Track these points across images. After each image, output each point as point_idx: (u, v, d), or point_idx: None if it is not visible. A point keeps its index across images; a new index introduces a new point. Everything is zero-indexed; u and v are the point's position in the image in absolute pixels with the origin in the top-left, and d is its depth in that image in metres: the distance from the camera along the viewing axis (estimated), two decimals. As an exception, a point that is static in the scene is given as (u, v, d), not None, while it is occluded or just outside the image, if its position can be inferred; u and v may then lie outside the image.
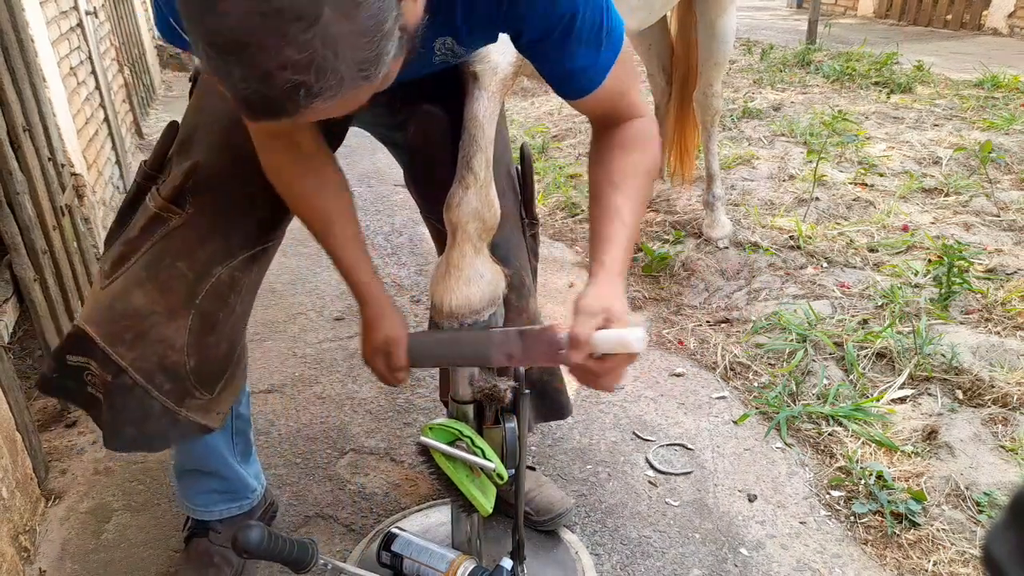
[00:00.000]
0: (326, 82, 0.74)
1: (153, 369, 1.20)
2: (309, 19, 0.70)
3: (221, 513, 1.51)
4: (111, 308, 1.20)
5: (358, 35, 0.74)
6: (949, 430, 1.91)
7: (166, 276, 1.20)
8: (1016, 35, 7.78)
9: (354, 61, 0.75)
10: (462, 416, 1.29)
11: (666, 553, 1.61)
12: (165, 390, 1.22)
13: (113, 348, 1.19)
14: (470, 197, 1.22)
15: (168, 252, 1.21)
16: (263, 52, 0.70)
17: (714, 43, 2.71)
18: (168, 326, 1.20)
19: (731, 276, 2.77)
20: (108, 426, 1.23)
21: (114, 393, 1.20)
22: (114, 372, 1.19)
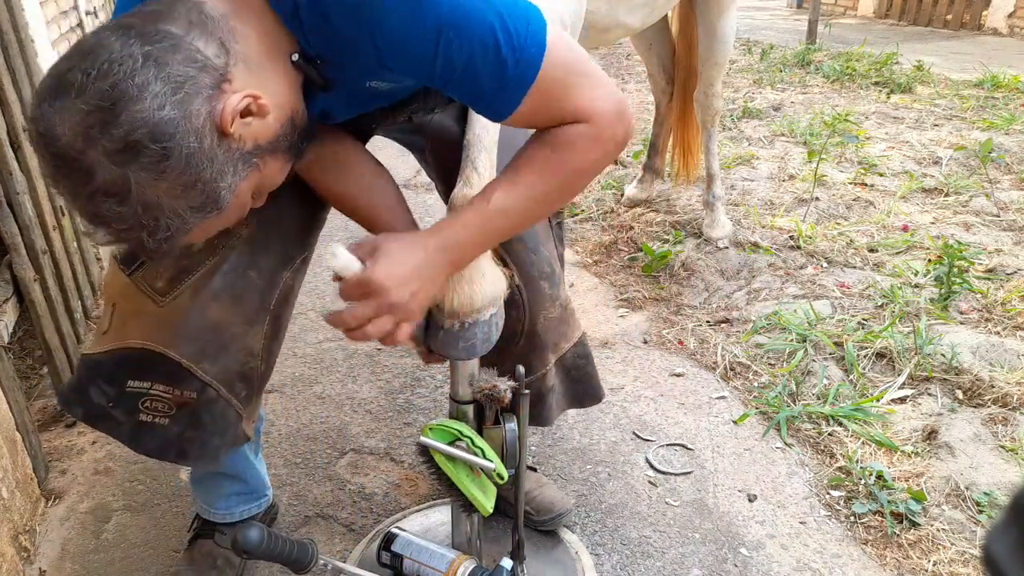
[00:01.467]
0: (164, 233, 0.84)
1: (234, 379, 1.21)
2: (121, 194, 0.81)
3: (242, 514, 1.51)
4: (185, 324, 1.16)
5: (178, 189, 0.83)
6: (949, 430, 1.91)
7: (240, 287, 1.20)
8: (1016, 35, 7.78)
9: (187, 208, 0.85)
10: (462, 416, 1.29)
11: (666, 553, 1.61)
12: (241, 397, 1.23)
13: (198, 365, 1.16)
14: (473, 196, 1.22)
15: (239, 263, 1.20)
16: (104, 224, 0.84)
17: (714, 43, 2.71)
18: (247, 334, 1.22)
19: (731, 276, 2.77)
20: (192, 443, 1.19)
21: (200, 410, 1.18)
22: (199, 389, 1.17)
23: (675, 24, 3.03)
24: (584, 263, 2.97)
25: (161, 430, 1.18)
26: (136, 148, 0.79)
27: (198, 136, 0.82)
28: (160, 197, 0.82)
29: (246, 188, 0.91)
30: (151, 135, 0.79)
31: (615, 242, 3.08)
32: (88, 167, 0.79)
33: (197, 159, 0.82)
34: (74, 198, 0.83)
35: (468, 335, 1.21)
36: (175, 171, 0.81)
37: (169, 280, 1.18)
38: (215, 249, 1.19)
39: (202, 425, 1.20)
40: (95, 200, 0.81)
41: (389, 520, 1.66)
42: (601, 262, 2.96)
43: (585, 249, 3.07)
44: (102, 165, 0.79)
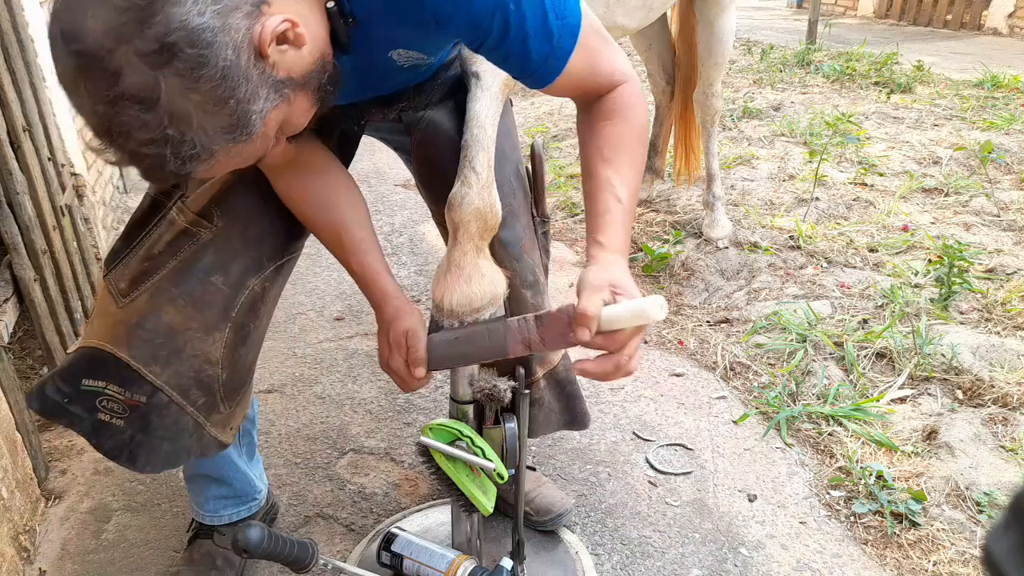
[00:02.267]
0: (188, 151, 0.78)
1: (189, 385, 1.18)
2: (149, 101, 0.74)
3: (230, 517, 1.51)
4: (140, 327, 1.15)
5: (210, 104, 0.77)
6: (949, 430, 1.91)
7: (201, 291, 1.17)
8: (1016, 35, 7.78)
9: (215, 128, 0.79)
10: (462, 416, 1.29)
11: (666, 553, 1.61)
12: (198, 404, 1.20)
13: (147, 368, 1.15)
14: (472, 196, 1.22)
15: (200, 267, 1.18)
16: (122, 135, 0.77)
17: (714, 43, 2.71)
18: (204, 340, 1.18)
19: (731, 276, 2.77)
20: (142, 447, 1.18)
21: (150, 413, 1.16)
22: (149, 392, 1.16)
23: (674, 24, 3.04)
24: (584, 263, 2.97)
25: (117, 431, 1.17)
26: (172, 51, 0.73)
27: (236, 50, 0.76)
28: (190, 109, 0.76)
29: (275, 119, 0.86)
30: (188, 39, 0.73)
31: (615, 242, 3.07)
32: (115, 68, 0.73)
33: (233, 74, 0.77)
34: (93, 103, 0.75)
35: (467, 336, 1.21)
36: (209, 83, 0.76)
37: (131, 281, 1.17)
38: (176, 252, 1.17)
39: (151, 429, 1.17)
40: (119, 106, 0.74)
41: (389, 520, 1.66)
42: (601, 262, 2.96)
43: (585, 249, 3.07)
44: (132, 66, 0.73)
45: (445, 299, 1.22)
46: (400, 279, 2.84)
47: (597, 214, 1.07)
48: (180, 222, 1.18)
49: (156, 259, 1.17)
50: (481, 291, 1.22)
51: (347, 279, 2.83)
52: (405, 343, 1.20)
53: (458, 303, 1.21)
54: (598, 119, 1.09)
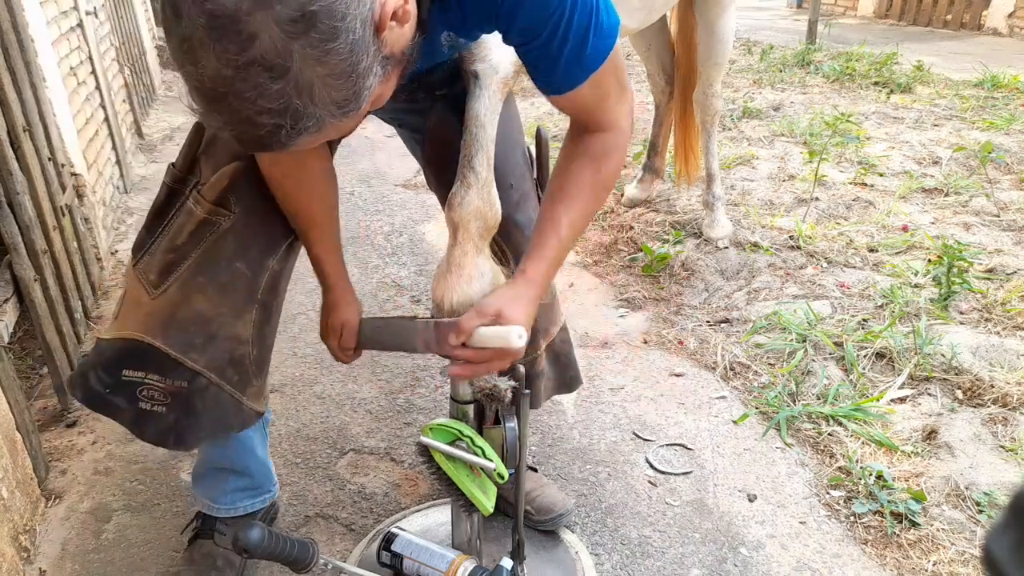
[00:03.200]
0: (304, 123, 0.78)
1: (224, 365, 1.26)
2: (280, 69, 0.73)
3: (246, 509, 1.52)
4: (173, 317, 1.21)
5: (333, 77, 0.77)
6: (949, 430, 1.91)
7: (226, 277, 1.23)
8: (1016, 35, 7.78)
9: (331, 101, 0.79)
10: (462, 416, 1.29)
11: (666, 553, 1.61)
12: (234, 382, 1.28)
13: (186, 355, 1.21)
14: (472, 196, 1.22)
15: (223, 254, 1.23)
16: (240, 101, 0.74)
17: (714, 43, 2.71)
18: (235, 324, 1.26)
19: (731, 276, 2.77)
20: (187, 429, 1.25)
21: (193, 397, 1.23)
22: (189, 378, 1.22)
23: (674, 24, 3.03)
24: (584, 263, 2.97)
25: (159, 418, 1.23)
26: (311, 21, 0.72)
27: (363, 24, 0.76)
28: (315, 81, 0.75)
29: (377, 95, 0.86)
30: (328, 11, 0.72)
31: (615, 242, 3.08)
32: (252, 32, 0.71)
33: (358, 49, 0.77)
34: (220, 66, 0.72)
35: None
36: (337, 56, 0.75)
37: (159, 272, 1.23)
38: (199, 242, 1.22)
39: (195, 412, 1.24)
40: (248, 70, 0.72)
41: (389, 520, 1.66)
42: (601, 262, 2.96)
43: (585, 249, 3.07)
44: (269, 33, 0.71)
45: (446, 299, 1.23)
46: (400, 279, 2.85)
47: (535, 245, 1.18)
48: (199, 212, 1.23)
49: (180, 249, 1.22)
50: (481, 290, 1.22)
51: (347, 279, 2.83)
52: (340, 331, 1.38)
53: (459, 303, 1.22)
54: (579, 158, 1.16)
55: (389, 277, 2.86)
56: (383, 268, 2.93)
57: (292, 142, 0.79)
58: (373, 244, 3.16)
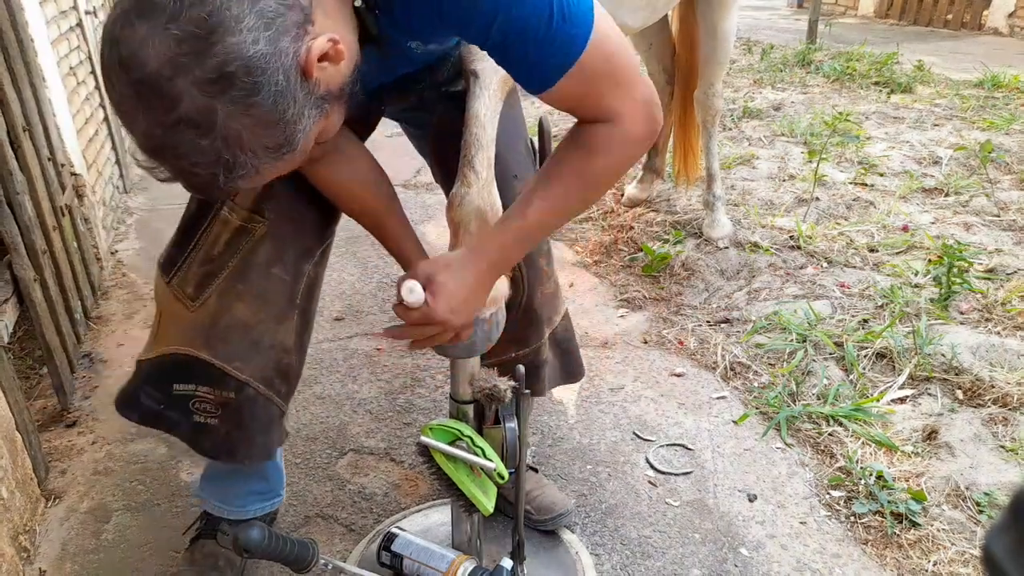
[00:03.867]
0: (239, 171, 0.82)
1: (271, 376, 1.25)
2: (206, 126, 0.78)
3: (256, 512, 1.51)
4: (214, 327, 1.21)
5: (261, 127, 0.81)
6: (949, 430, 1.91)
7: (264, 284, 1.22)
8: (1016, 35, 7.78)
9: (263, 148, 0.83)
10: (462, 416, 1.29)
11: (666, 553, 1.61)
12: (282, 393, 1.28)
13: (231, 364, 1.21)
14: (472, 195, 1.22)
15: (260, 261, 1.22)
16: (176, 156, 0.80)
17: (715, 43, 2.71)
18: (278, 331, 1.25)
19: (731, 276, 2.77)
20: (239, 442, 1.25)
21: (241, 408, 1.23)
22: (236, 388, 1.21)
23: (675, 23, 3.03)
24: (584, 263, 2.97)
25: (213, 431, 1.24)
26: (229, 80, 0.76)
27: (285, 75, 0.80)
28: (243, 133, 0.80)
29: (314, 133, 0.89)
30: (245, 68, 0.76)
31: (615, 242, 3.08)
32: (175, 96, 0.76)
33: (283, 98, 0.80)
34: (150, 127, 0.79)
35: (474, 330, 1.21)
36: (262, 108, 0.79)
37: (197, 285, 1.22)
38: (236, 250, 1.21)
39: (244, 424, 1.24)
40: (176, 130, 0.77)
41: (389, 520, 1.66)
42: (601, 262, 2.96)
43: (585, 249, 3.07)
44: (190, 95, 0.76)
45: None
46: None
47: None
48: (234, 220, 1.22)
49: (217, 260, 1.22)
50: None
51: (347, 279, 2.83)
52: None
53: None
54: (572, 141, 1.06)
55: (389, 277, 2.86)
56: (383, 268, 2.93)
57: (232, 186, 0.84)
58: (373, 244, 3.16)
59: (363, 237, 3.21)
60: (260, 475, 1.49)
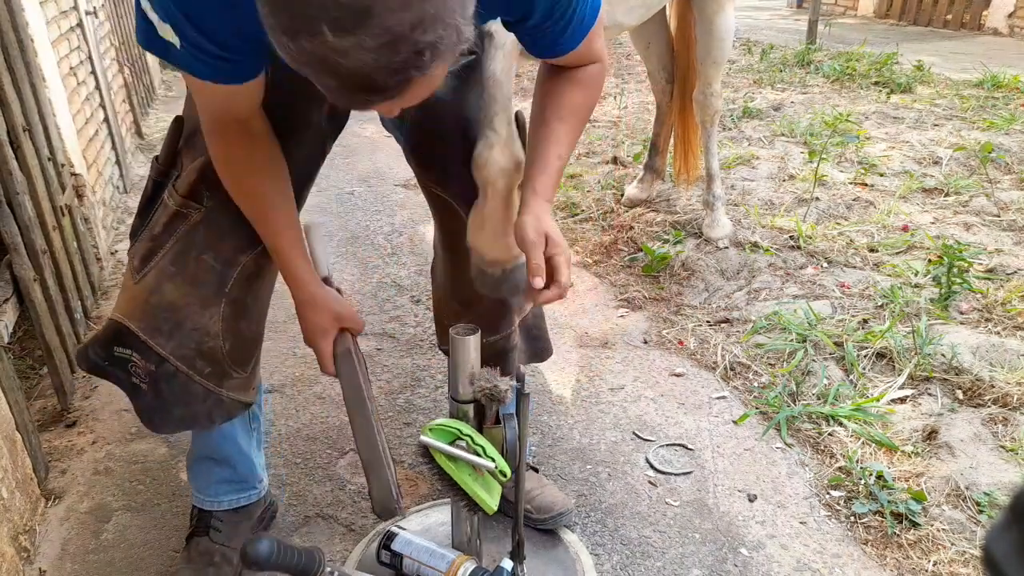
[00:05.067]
0: (445, 41, 0.75)
1: (192, 355, 1.28)
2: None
3: (230, 504, 1.53)
4: (147, 302, 1.26)
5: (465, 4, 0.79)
6: (949, 430, 1.91)
7: (194, 269, 1.26)
8: (1016, 35, 7.78)
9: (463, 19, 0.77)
10: (462, 416, 1.29)
11: (666, 553, 1.61)
12: (206, 373, 1.30)
13: (153, 339, 1.26)
14: (496, 155, 1.30)
15: (193, 246, 1.26)
16: (390, 15, 0.70)
17: (712, 41, 2.71)
18: (202, 315, 1.28)
19: (731, 276, 2.77)
20: (156, 411, 1.30)
21: (159, 380, 1.28)
22: (156, 361, 1.27)
23: (673, 22, 3.03)
24: (584, 263, 2.97)
25: (143, 394, 1.30)
26: None
27: None
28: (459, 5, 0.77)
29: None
30: None
31: (615, 242, 3.08)
32: None
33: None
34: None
35: (512, 278, 1.34)
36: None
37: (141, 259, 1.27)
38: (172, 232, 1.26)
39: (162, 395, 1.29)
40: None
41: (389, 520, 1.66)
42: (601, 262, 2.96)
43: (585, 249, 3.07)
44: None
45: (487, 251, 1.33)
46: (400, 279, 2.84)
47: (542, 165, 1.21)
48: (171, 205, 1.26)
49: (157, 239, 1.27)
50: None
51: (347, 279, 2.83)
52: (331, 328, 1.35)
53: (500, 253, 1.32)
54: (568, 83, 1.21)
55: (389, 277, 2.86)
56: (383, 268, 2.93)
57: (428, 71, 0.76)
58: (373, 244, 3.16)
59: (363, 237, 3.22)
60: (222, 461, 1.50)
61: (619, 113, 4.93)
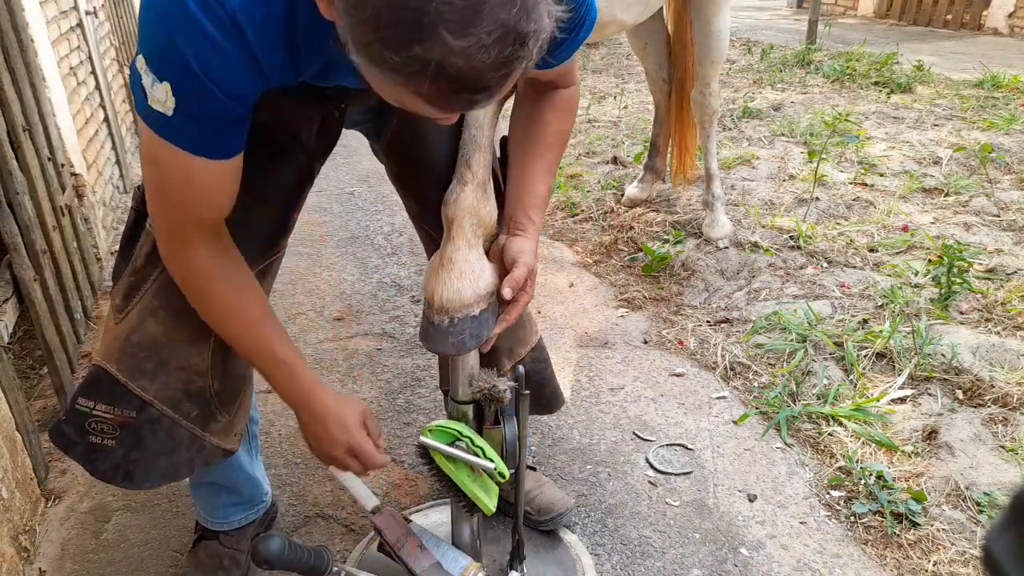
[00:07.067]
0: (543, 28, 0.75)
1: (179, 397, 1.18)
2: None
3: (240, 522, 1.51)
4: (127, 341, 1.16)
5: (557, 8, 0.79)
6: (949, 430, 1.90)
7: (180, 302, 1.14)
8: (1016, 35, 7.78)
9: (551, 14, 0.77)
10: (462, 416, 1.29)
11: (666, 553, 1.61)
12: (192, 417, 1.20)
13: (134, 382, 1.15)
14: (467, 194, 1.22)
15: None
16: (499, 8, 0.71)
17: (709, 41, 2.71)
18: (190, 351, 1.18)
19: (731, 276, 2.77)
20: (137, 463, 1.17)
21: (141, 428, 1.16)
22: (137, 407, 1.15)
23: (670, 23, 3.03)
24: (584, 263, 2.97)
25: (110, 452, 1.16)
26: None
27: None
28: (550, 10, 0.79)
29: None
30: None
31: (615, 242, 3.08)
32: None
33: None
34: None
35: (457, 331, 1.20)
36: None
37: (123, 296, 1.17)
38: (156, 264, 1.14)
39: (145, 445, 1.17)
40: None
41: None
42: (601, 262, 2.96)
43: (585, 249, 3.07)
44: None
45: (436, 295, 1.21)
46: (400, 279, 2.84)
47: (534, 193, 1.25)
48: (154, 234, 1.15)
49: (140, 271, 1.17)
50: (473, 287, 1.21)
51: (347, 279, 2.83)
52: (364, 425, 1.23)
53: (448, 299, 1.20)
54: (551, 110, 1.25)
55: (389, 277, 2.86)
56: (383, 268, 2.93)
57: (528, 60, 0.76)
58: (373, 244, 3.16)
59: (363, 237, 3.22)
60: (231, 488, 1.46)
61: (619, 113, 4.93)
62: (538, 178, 1.24)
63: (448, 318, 1.20)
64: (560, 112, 1.25)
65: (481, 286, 1.21)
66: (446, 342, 1.21)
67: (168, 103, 0.91)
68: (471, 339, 1.21)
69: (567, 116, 1.27)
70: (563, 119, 1.27)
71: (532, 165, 1.24)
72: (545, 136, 1.24)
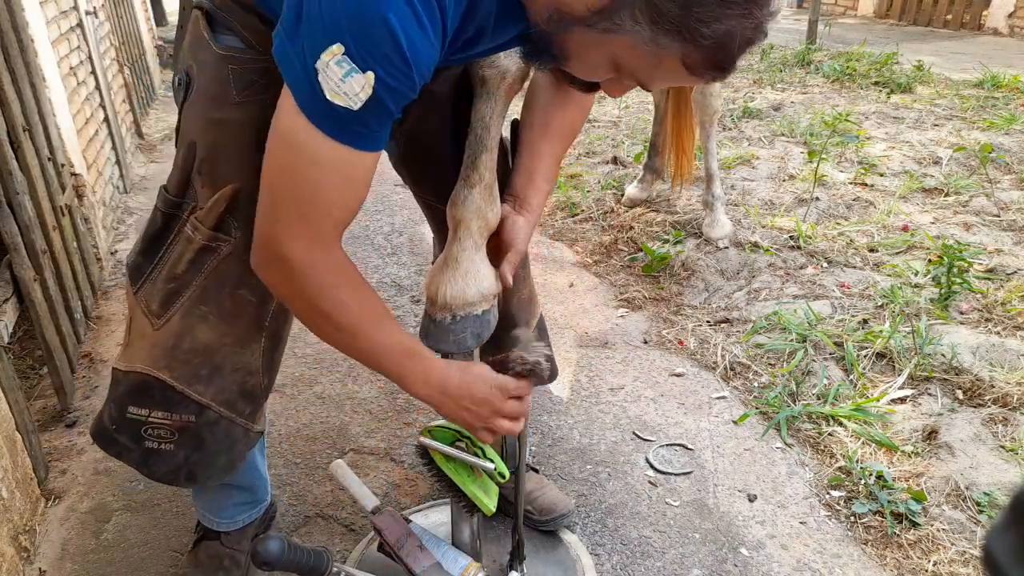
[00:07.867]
0: None
1: (234, 399, 1.22)
2: None
3: (245, 521, 1.51)
4: (177, 348, 1.16)
5: None
6: (949, 430, 1.90)
7: (230, 306, 1.17)
8: (1016, 35, 7.78)
9: None
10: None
11: (666, 553, 1.61)
12: (246, 414, 1.25)
13: (191, 388, 1.17)
14: (474, 196, 1.23)
15: (226, 281, 1.17)
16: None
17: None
18: (243, 354, 1.21)
19: (731, 276, 2.77)
20: (198, 464, 1.21)
21: (202, 431, 1.19)
22: (196, 411, 1.18)
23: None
24: (584, 263, 2.97)
25: (168, 456, 1.20)
26: None
27: None
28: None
29: None
30: None
31: (615, 242, 3.08)
32: None
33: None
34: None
35: (458, 328, 1.21)
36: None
37: (162, 303, 1.17)
38: (200, 270, 1.16)
39: (205, 446, 1.21)
40: None
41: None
42: (601, 262, 2.96)
43: (585, 249, 3.07)
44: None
45: (439, 292, 1.22)
46: (400, 279, 2.84)
47: (536, 181, 1.28)
48: (198, 239, 1.15)
49: (181, 278, 1.16)
50: (476, 286, 1.22)
51: (347, 279, 2.83)
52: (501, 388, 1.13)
53: (452, 296, 1.21)
54: (572, 102, 1.27)
55: (389, 277, 2.86)
56: (383, 268, 2.93)
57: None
58: (373, 244, 3.16)
59: (363, 237, 3.22)
60: (245, 487, 1.48)
61: (619, 113, 4.93)
62: (551, 162, 1.28)
63: (451, 315, 1.22)
64: (577, 107, 1.29)
65: (485, 287, 1.22)
66: (447, 339, 1.22)
67: (362, 94, 0.85)
68: (472, 338, 1.22)
69: (582, 113, 1.31)
70: (579, 114, 1.30)
71: (547, 149, 1.27)
72: (563, 126, 1.28)
